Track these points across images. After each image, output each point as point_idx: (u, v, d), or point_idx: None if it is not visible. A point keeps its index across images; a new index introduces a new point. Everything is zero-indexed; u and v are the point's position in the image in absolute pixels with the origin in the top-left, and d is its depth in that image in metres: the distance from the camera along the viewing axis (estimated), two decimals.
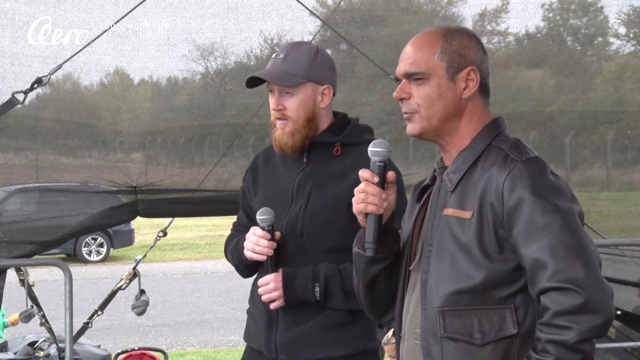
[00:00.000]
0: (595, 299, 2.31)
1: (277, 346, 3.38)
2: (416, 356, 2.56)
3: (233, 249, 3.52)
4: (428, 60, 2.56)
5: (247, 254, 3.35)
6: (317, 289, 3.29)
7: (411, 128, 2.61)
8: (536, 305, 2.43)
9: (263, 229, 3.31)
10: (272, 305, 3.35)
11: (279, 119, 3.36)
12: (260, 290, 3.36)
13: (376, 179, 2.63)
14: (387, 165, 2.65)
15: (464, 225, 2.47)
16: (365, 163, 3.27)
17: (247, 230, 3.42)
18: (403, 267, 2.70)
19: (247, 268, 3.50)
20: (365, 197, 2.63)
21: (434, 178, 2.67)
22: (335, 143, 3.38)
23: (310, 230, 3.33)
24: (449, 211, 2.52)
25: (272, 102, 3.39)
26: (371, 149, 2.65)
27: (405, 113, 2.61)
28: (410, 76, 2.57)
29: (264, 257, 3.31)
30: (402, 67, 2.60)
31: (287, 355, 3.36)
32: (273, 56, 3.42)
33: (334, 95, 3.46)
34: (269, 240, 3.30)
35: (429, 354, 2.51)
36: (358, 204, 2.64)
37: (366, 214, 2.64)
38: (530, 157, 2.47)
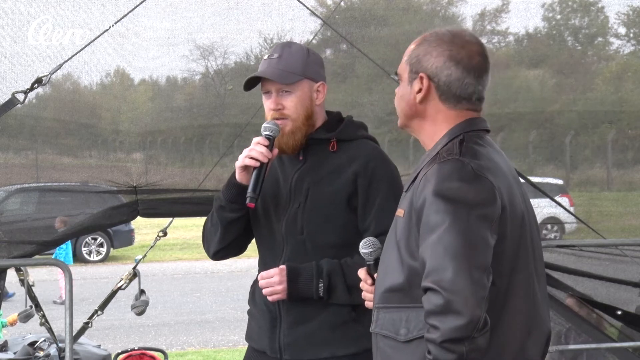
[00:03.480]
0: (458, 300, 2.33)
1: (281, 346, 3.37)
2: None
3: (212, 212, 3.47)
4: (402, 63, 2.70)
5: (240, 161, 3.29)
6: (321, 284, 3.28)
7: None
8: None
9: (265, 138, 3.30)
10: (272, 298, 3.34)
11: (278, 119, 3.35)
12: (262, 283, 3.34)
13: (369, 281, 2.83)
14: (378, 262, 2.75)
15: (399, 224, 2.57)
16: (361, 158, 3.29)
17: None
18: None
19: (230, 225, 3.40)
20: (364, 296, 2.86)
21: None
22: (331, 139, 3.38)
23: (310, 227, 3.32)
24: (398, 211, 2.62)
25: (269, 102, 3.38)
26: (361, 250, 2.83)
27: None
28: (397, 75, 2.74)
29: (257, 163, 3.26)
30: None
31: (292, 354, 3.35)
32: (266, 57, 3.42)
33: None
34: (266, 147, 3.27)
35: (373, 350, 2.66)
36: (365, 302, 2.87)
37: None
38: (448, 159, 2.51)
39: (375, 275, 2.77)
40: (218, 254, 3.52)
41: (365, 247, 2.82)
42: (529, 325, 2.57)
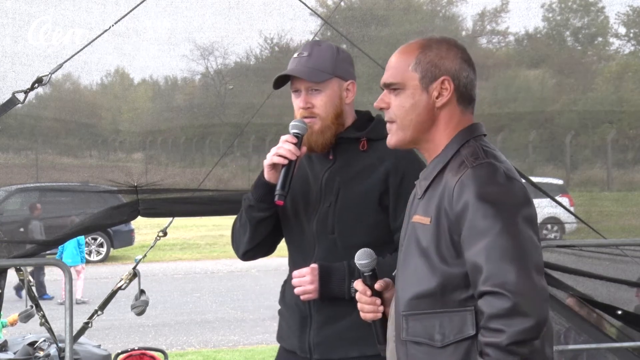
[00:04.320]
0: (525, 302, 2.35)
1: (310, 346, 3.36)
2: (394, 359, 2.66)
3: (241, 211, 3.44)
4: (404, 71, 2.65)
5: (269, 160, 3.27)
6: (353, 285, 3.27)
7: (389, 139, 2.70)
8: None
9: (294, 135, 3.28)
10: (304, 297, 3.32)
11: (307, 117, 3.33)
12: (295, 282, 3.32)
13: (369, 292, 2.77)
14: (375, 272, 2.76)
15: (425, 231, 2.54)
16: (392, 157, 3.24)
17: None
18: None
19: (259, 225, 3.38)
20: (362, 308, 2.78)
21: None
22: (361, 138, 3.36)
23: (341, 226, 3.31)
24: (415, 218, 2.60)
25: (299, 101, 3.36)
26: (357, 262, 2.77)
27: (387, 122, 2.70)
28: (389, 86, 2.67)
29: (285, 160, 3.23)
30: (383, 78, 2.70)
31: (321, 354, 3.34)
32: (295, 55, 3.40)
33: None
34: (294, 144, 3.24)
35: (399, 357, 2.61)
36: (361, 313, 2.81)
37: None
38: (482, 163, 2.51)
39: (376, 286, 2.75)
40: (247, 254, 3.50)
41: (362, 258, 2.78)
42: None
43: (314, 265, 3.30)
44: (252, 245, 3.45)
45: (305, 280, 3.30)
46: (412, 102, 2.63)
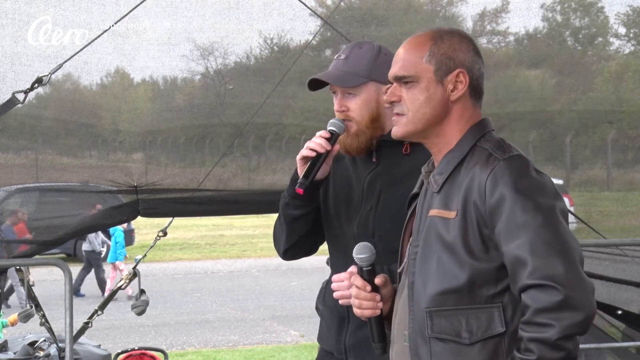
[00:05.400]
0: (575, 295, 2.30)
1: (346, 347, 3.35)
2: (405, 359, 2.57)
3: (280, 212, 3.43)
4: (416, 63, 2.57)
5: (301, 153, 3.25)
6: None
7: (395, 130, 2.64)
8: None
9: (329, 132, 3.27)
10: (342, 302, 3.28)
11: (343, 120, 3.31)
12: (334, 286, 3.27)
13: (369, 288, 2.72)
14: (374, 267, 2.73)
15: (449, 225, 2.48)
16: None
17: None
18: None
19: (294, 222, 3.38)
20: (360, 304, 2.73)
21: (422, 184, 2.69)
22: (405, 142, 3.29)
23: (382, 231, 3.27)
24: (434, 212, 2.53)
25: (335, 103, 3.34)
26: (356, 256, 2.73)
27: (396, 114, 2.63)
28: (400, 79, 2.60)
29: (313, 153, 3.21)
30: (393, 70, 2.62)
31: (356, 356, 3.32)
32: (335, 57, 3.37)
33: None
34: (327, 139, 3.22)
35: (417, 355, 2.52)
36: (356, 309, 2.75)
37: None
38: (512, 155, 2.48)
39: (376, 281, 2.71)
40: (287, 253, 3.48)
41: (361, 252, 2.73)
42: None
43: (353, 270, 3.30)
44: (290, 243, 3.44)
45: (344, 285, 3.29)
46: (427, 95, 2.57)
